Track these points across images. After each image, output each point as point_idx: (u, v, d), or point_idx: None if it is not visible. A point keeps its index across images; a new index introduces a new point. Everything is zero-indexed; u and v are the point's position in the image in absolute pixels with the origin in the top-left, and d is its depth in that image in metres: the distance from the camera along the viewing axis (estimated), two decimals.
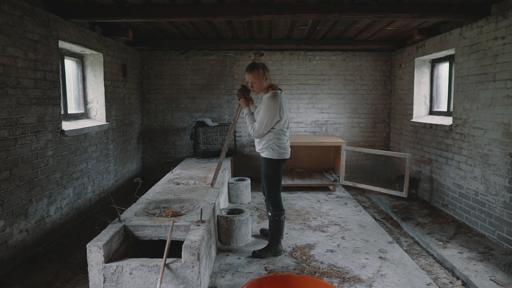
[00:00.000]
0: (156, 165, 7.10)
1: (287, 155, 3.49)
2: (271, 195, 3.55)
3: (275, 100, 3.27)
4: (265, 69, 3.32)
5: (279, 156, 3.42)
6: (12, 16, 3.35)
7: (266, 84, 3.37)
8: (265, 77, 3.32)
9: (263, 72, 3.30)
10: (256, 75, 3.29)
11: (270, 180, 3.51)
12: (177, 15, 4.13)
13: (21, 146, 3.49)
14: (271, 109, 3.25)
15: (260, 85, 3.35)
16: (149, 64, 6.93)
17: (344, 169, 5.94)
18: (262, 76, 3.30)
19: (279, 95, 3.32)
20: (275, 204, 3.55)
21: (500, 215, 3.81)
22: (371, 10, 4.03)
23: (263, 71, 3.30)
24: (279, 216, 3.54)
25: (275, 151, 3.41)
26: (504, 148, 3.75)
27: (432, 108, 5.89)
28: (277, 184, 3.53)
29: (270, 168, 3.47)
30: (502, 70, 3.78)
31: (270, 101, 3.27)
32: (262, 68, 3.30)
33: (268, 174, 3.49)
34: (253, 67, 3.30)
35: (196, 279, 2.64)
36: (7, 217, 3.30)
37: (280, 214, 3.54)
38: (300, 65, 6.95)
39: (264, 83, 3.34)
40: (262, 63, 3.34)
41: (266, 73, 3.33)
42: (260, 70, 3.28)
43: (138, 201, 3.62)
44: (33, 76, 3.67)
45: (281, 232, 3.60)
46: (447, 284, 3.12)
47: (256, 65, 3.30)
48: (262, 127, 3.31)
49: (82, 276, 3.18)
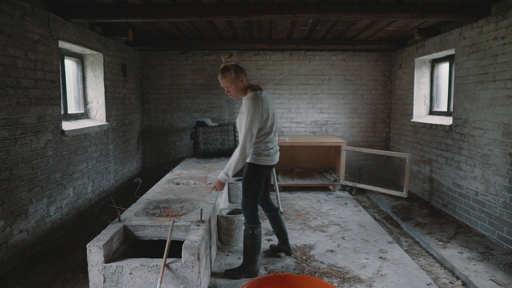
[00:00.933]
0: (156, 165, 7.10)
1: (273, 161, 3.17)
2: (246, 205, 3.17)
3: (255, 100, 2.95)
4: (238, 70, 3.00)
5: (263, 162, 3.10)
6: (12, 16, 3.35)
7: (243, 85, 3.05)
8: (239, 79, 3.00)
9: (236, 74, 2.98)
10: (229, 79, 2.99)
11: (248, 186, 3.14)
12: (177, 15, 4.13)
13: (21, 146, 3.49)
14: (252, 109, 2.91)
15: (236, 89, 3.03)
16: (149, 64, 6.93)
17: (344, 169, 5.94)
18: (236, 79, 2.99)
19: (259, 95, 3.01)
20: (250, 215, 3.16)
21: (500, 215, 3.81)
22: (371, 10, 4.03)
23: (235, 73, 2.98)
24: (253, 229, 3.14)
25: (259, 157, 3.09)
26: (504, 148, 3.75)
27: (432, 108, 5.89)
28: (256, 193, 3.15)
29: (251, 174, 3.13)
30: (502, 70, 3.78)
31: (248, 102, 2.95)
32: (234, 70, 2.98)
33: (248, 179, 3.14)
34: (224, 70, 3.00)
35: (196, 279, 2.64)
36: (7, 217, 3.30)
37: (255, 227, 3.15)
38: (300, 65, 6.95)
39: (240, 85, 3.03)
40: (234, 65, 3.02)
41: (240, 74, 3.00)
42: (232, 73, 2.97)
43: (138, 201, 3.62)
44: (33, 76, 3.67)
45: (257, 249, 3.19)
46: (447, 284, 3.12)
47: (227, 67, 2.99)
48: (246, 135, 2.92)
49: (82, 276, 3.18)
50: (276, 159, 3.22)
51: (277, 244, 3.68)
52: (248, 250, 3.19)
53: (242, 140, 2.93)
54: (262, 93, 3.08)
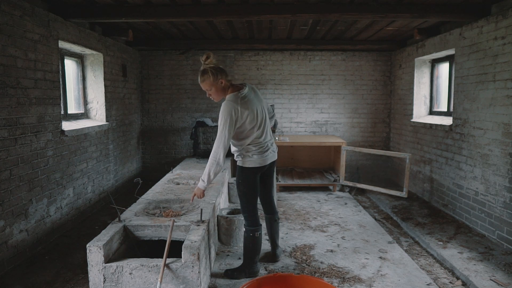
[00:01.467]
0: (156, 165, 7.10)
1: (263, 162, 3.04)
2: (244, 207, 3.13)
3: (230, 104, 2.83)
4: (216, 73, 2.86)
5: (250, 164, 3.01)
6: (12, 16, 3.35)
7: (223, 87, 2.92)
8: (219, 81, 2.87)
9: (215, 76, 2.85)
10: (208, 82, 2.87)
11: (242, 190, 3.09)
12: (177, 15, 4.13)
13: (21, 146, 3.49)
14: (225, 114, 2.81)
15: (217, 91, 2.91)
16: (149, 64, 6.93)
17: (344, 169, 5.94)
18: (215, 81, 2.86)
19: (238, 97, 2.87)
20: (249, 218, 3.12)
21: (500, 215, 3.81)
22: (371, 10, 4.03)
23: (213, 75, 2.85)
24: (254, 232, 3.11)
25: (245, 159, 3.02)
26: (504, 148, 3.75)
27: (432, 108, 5.89)
28: (250, 195, 3.08)
29: (241, 177, 3.06)
30: (502, 70, 3.78)
31: (223, 107, 2.84)
32: (211, 72, 2.85)
33: (239, 183, 3.08)
34: (202, 74, 2.88)
35: (196, 279, 2.64)
36: (7, 217, 3.30)
37: (256, 230, 3.11)
38: (300, 65, 6.95)
39: (219, 87, 2.90)
40: (212, 67, 2.87)
41: (220, 76, 2.87)
42: (210, 76, 2.85)
43: (138, 201, 3.62)
44: (33, 76, 3.67)
45: (257, 251, 3.16)
46: (447, 284, 3.12)
47: (205, 70, 2.86)
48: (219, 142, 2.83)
49: (82, 276, 3.18)
50: (268, 159, 3.08)
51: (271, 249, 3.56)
52: (248, 251, 3.16)
53: (215, 145, 2.86)
54: (244, 92, 2.92)
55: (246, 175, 3.05)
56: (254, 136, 2.97)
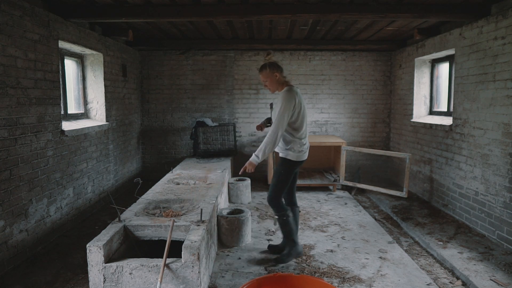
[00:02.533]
0: (156, 165, 7.10)
1: (303, 157, 3.44)
2: (272, 196, 3.46)
3: (289, 93, 3.26)
4: (273, 67, 3.36)
5: (295, 158, 3.38)
6: (12, 16, 3.35)
7: (278, 81, 3.39)
8: (274, 75, 3.36)
9: (271, 71, 3.36)
10: (265, 74, 3.39)
11: (279, 179, 3.44)
12: (177, 15, 4.13)
13: (21, 146, 3.49)
14: (286, 100, 3.23)
15: (272, 83, 3.40)
16: (149, 64, 6.93)
17: (344, 169, 5.94)
18: (271, 74, 3.36)
19: (294, 89, 3.32)
20: (277, 205, 3.48)
21: (500, 215, 3.81)
22: (371, 10, 4.03)
23: (270, 69, 3.35)
24: (286, 215, 3.47)
25: (290, 152, 3.37)
26: (504, 148, 3.75)
27: (432, 108, 5.89)
28: (283, 186, 3.46)
29: (284, 168, 3.43)
30: (502, 70, 3.78)
31: (283, 94, 3.27)
32: (269, 67, 3.36)
33: (280, 173, 3.44)
34: (261, 67, 3.42)
35: (196, 279, 2.64)
36: (7, 217, 3.30)
37: (285, 213, 3.46)
38: (300, 65, 6.95)
39: (274, 80, 3.38)
40: (270, 62, 3.39)
41: (275, 71, 3.36)
42: (266, 69, 3.36)
43: (138, 201, 3.62)
44: (33, 76, 3.67)
45: (294, 231, 3.51)
46: (447, 284, 3.12)
47: (264, 65, 3.40)
48: (278, 122, 3.21)
49: (82, 276, 3.18)
50: (306, 155, 3.48)
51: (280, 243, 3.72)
52: (288, 234, 3.52)
53: (275, 125, 3.23)
54: (297, 88, 3.38)
55: (289, 167, 3.41)
56: (302, 130, 3.37)
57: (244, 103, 7.03)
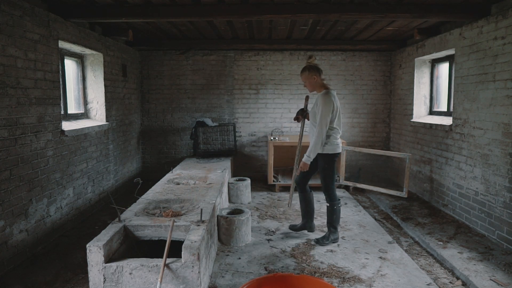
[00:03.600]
0: (156, 165, 7.10)
1: (339, 149, 3.83)
2: (327, 187, 3.87)
3: (328, 96, 3.66)
4: (312, 70, 3.73)
5: (333, 151, 3.77)
6: (12, 16, 3.35)
7: (316, 82, 3.77)
8: (312, 77, 3.74)
9: (310, 74, 3.74)
10: (304, 75, 3.78)
11: (327, 173, 3.84)
12: (177, 15, 4.13)
13: (21, 146, 3.49)
14: (327, 103, 3.63)
15: (310, 84, 3.79)
16: (149, 64, 6.93)
17: (344, 169, 5.94)
18: (310, 77, 3.74)
19: (331, 93, 3.70)
20: (331, 194, 3.88)
21: (500, 215, 3.81)
22: (371, 10, 4.03)
23: (309, 72, 3.74)
24: (335, 205, 3.88)
25: (330, 146, 3.76)
26: (504, 148, 3.75)
27: (432, 108, 5.89)
28: (333, 177, 3.85)
29: (326, 162, 3.81)
30: (502, 70, 3.78)
31: (324, 97, 3.66)
32: (308, 69, 3.74)
33: (325, 168, 3.82)
34: (302, 69, 3.81)
35: (196, 279, 2.64)
36: (7, 217, 3.30)
37: (336, 203, 3.88)
38: (300, 65, 6.94)
39: (313, 82, 3.76)
40: (310, 65, 3.76)
41: (314, 73, 3.73)
42: (306, 72, 3.76)
43: (138, 201, 3.62)
44: (33, 76, 3.67)
45: (338, 219, 3.95)
46: (447, 284, 3.12)
47: (304, 67, 3.79)
48: (322, 124, 3.65)
49: (82, 276, 3.18)
50: (340, 149, 3.86)
51: (299, 224, 4.19)
52: (333, 221, 3.91)
53: (319, 126, 3.66)
54: (333, 91, 3.76)
55: (330, 160, 3.81)
56: (336, 128, 3.76)
57: (244, 103, 7.03)
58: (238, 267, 3.38)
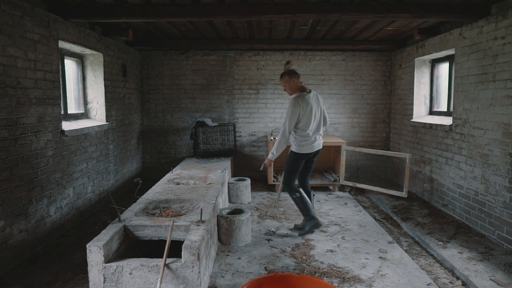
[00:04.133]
0: (156, 165, 7.10)
1: (309, 150, 4.00)
2: (286, 180, 4.13)
3: (295, 100, 3.87)
4: (290, 75, 3.96)
5: (298, 151, 4.01)
6: (12, 16, 3.35)
7: (294, 86, 3.98)
8: (292, 81, 3.96)
9: (289, 78, 3.95)
10: (284, 80, 4.00)
11: (288, 168, 4.11)
12: (177, 15, 4.13)
13: (21, 146, 3.49)
14: (291, 106, 3.87)
15: (290, 88, 4.00)
16: (149, 64, 6.93)
17: (344, 169, 5.94)
18: (290, 80, 3.96)
19: (302, 96, 3.88)
20: (289, 187, 4.11)
21: (500, 215, 3.81)
22: (371, 10, 4.03)
23: (288, 77, 3.96)
24: (297, 194, 4.08)
25: (296, 146, 4.03)
26: (504, 148, 3.75)
27: (432, 108, 5.89)
28: (293, 173, 4.10)
29: (291, 158, 4.09)
30: (502, 70, 3.78)
31: (291, 101, 3.90)
32: (287, 74, 3.96)
33: (288, 162, 4.11)
34: (281, 75, 4.03)
35: (196, 279, 2.64)
36: (7, 217, 3.30)
37: (296, 191, 4.09)
38: (300, 65, 6.94)
39: (292, 85, 3.97)
40: (288, 70, 3.98)
41: (293, 77, 3.95)
42: (286, 76, 3.97)
43: (138, 201, 3.62)
44: (33, 76, 3.67)
45: (308, 206, 4.09)
46: (447, 284, 3.12)
47: (283, 72, 4.01)
48: (285, 125, 3.90)
49: (82, 276, 3.18)
50: (313, 148, 4.02)
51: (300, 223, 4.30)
52: (303, 210, 4.11)
53: (282, 127, 3.94)
54: (307, 94, 3.92)
55: (295, 158, 4.06)
56: (308, 129, 3.92)
57: (244, 103, 7.03)
58: (238, 267, 3.38)
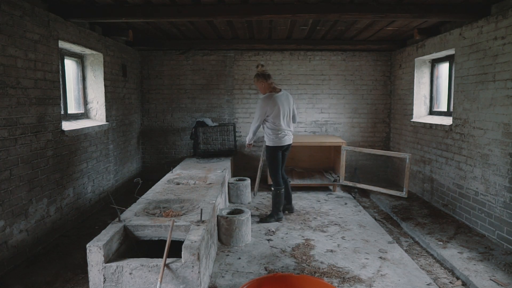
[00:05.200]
0: (156, 165, 7.10)
1: (282, 143, 4.45)
2: (270, 173, 4.58)
3: (263, 99, 4.40)
4: (259, 77, 4.43)
5: (273, 144, 4.45)
6: (12, 16, 3.35)
7: (264, 87, 4.46)
8: (261, 82, 4.45)
9: (258, 80, 4.45)
10: (255, 81, 4.51)
11: (269, 162, 4.57)
12: (177, 15, 4.13)
13: (21, 146, 3.49)
14: (259, 104, 4.43)
15: (262, 89, 4.49)
16: (149, 64, 6.93)
17: (344, 169, 5.94)
18: (259, 82, 4.46)
19: (270, 96, 4.37)
20: (275, 180, 4.54)
21: (500, 215, 3.81)
22: (371, 10, 4.03)
23: (257, 79, 4.45)
24: (278, 190, 4.52)
25: (270, 140, 4.47)
26: (504, 148, 3.75)
27: (432, 108, 5.89)
28: (275, 165, 4.53)
29: (268, 152, 4.54)
30: (502, 70, 3.78)
31: (260, 100, 4.43)
32: (256, 76, 4.45)
33: (267, 157, 4.57)
34: (255, 76, 4.49)
35: (196, 279, 2.64)
36: (7, 217, 3.30)
37: (279, 188, 4.53)
38: (300, 65, 6.95)
39: (262, 86, 4.47)
40: (259, 73, 4.44)
41: (261, 79, 4.42)
42: (255, 79, 4.48)
43: (138, 201, 3.62)
44: (33, 76, 3.67)
45: (281, 202, 4.59)
46: (447, 284, 3.12)
47: (256, 74, 4.47)
48: (254, 120, 4.50)
49: (82, 276, 3.18)
50: (285, 141, 4.48)
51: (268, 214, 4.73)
52: (276, 204, 4.58)
53: (253, 122, 4.51)
54: (276, 94, 4.39)
55: (272, 151, 4.50)
56: (278, 124, 4.38)
57: (244, 103, 7.03)
58: (238, 267, 3.38)
